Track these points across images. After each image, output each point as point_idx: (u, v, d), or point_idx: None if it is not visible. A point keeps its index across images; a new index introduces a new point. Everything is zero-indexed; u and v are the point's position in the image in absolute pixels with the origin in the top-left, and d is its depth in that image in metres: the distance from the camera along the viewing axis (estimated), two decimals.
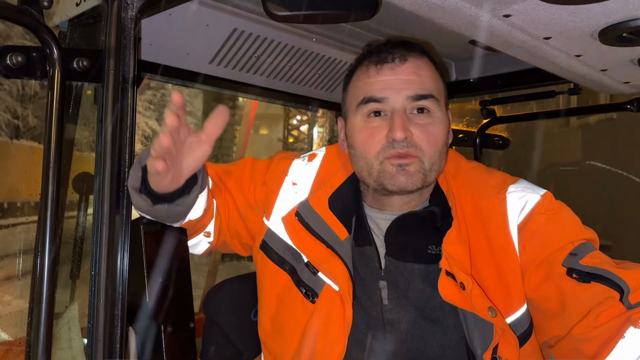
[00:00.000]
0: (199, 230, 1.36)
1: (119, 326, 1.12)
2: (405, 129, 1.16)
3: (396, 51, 1.22)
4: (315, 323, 1.19)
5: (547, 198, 1.19)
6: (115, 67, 1.12)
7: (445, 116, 1.25)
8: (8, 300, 5.63)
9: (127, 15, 1.16)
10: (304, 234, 1.26)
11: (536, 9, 0.93)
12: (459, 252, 1.16)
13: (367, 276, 1.23)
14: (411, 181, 1.18)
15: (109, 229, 1.09)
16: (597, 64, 1.29)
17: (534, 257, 1.13)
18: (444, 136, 1.22)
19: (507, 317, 1.14)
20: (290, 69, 1.90)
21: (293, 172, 1.38)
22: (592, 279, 1.04)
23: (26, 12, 1.00)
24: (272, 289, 1.31)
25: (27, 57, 1.01)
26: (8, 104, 13.97)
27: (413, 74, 1.20)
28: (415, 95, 1.19)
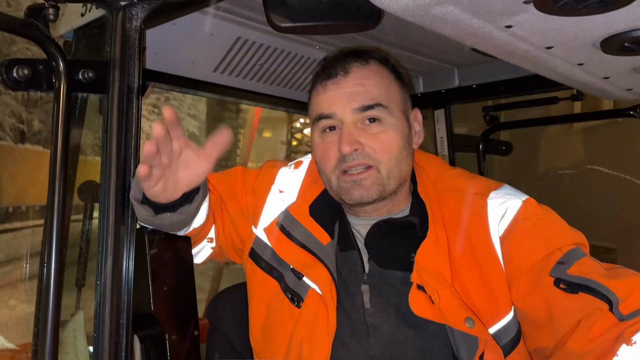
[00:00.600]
0: (203, 237, 1.38)
1: (124, 335, 1.12)
2: (352, 142, 1.17)
3: (339, 64, 1.23)
4: (301, 327, 1.20)
5: (529, 203, 1.17)
6: (120, 77, 1.13)
7: (401, 120, 1.23)
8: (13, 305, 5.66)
9: (131, 26, 1.17)
10: (286, 242, 1.28)
11: (538, 20, 0.94)
12: (436, 263, 1.16)
13: (350, 280, 1.24)
14: (367, 194, 1.20)
15: (114, 238, 1.10)
16: (600, 72, 1.29)
17: (521, 265, 1.11)
18: (399, 141, 1.21)
19: (493, 324, 1.13)
20: (293, 76, 1.91)
21: (280, 180, 1.40)
22: (580, 290, 1.02)
23: (32, 25, 1.01)
24: (261, 297, 1.32)
25: (34, 70, 1.02)
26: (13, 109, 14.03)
27: (358, 85, 1.21)
28: (362, 106, 1.19)
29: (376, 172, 1.19)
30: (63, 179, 1.04)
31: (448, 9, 0.91)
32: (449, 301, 1.11)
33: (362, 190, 1.19)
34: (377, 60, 1.26)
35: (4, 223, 10.51)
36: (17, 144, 14.20)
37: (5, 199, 11.09)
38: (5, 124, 13.96)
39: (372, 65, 1.24)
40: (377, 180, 1.19)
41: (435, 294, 1.10)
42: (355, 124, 1.19)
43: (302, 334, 1.19)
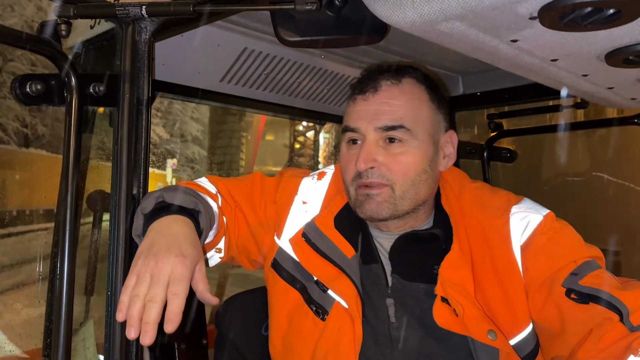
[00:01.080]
0: (211, 248, 1.37)
1: (134, 344, 1.14)
2: (369, 160, 1.19)
3: (371, 81, 1.24)
4: (326, 340, 1.20)
5: (549, 218, 1.19)
6: (130, 90, 1.15)
7: (426, 143, 1.23)
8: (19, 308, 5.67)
9: (141, 39, 1.19)
10: (312, 254, 1.28)
11: (543, 34, 0.95)
12: (459, 276, 1.17)
13: (374, 294, 1.24)
14: (378, 210, 1.21)
15: (124, 249, 1.11)
16: (604, 82, 1.30)
17: (537, 277, 1.14)
18: (418, 165, 1.21)
19: (513, 337, 1.15)
20: (298, 85, 1.92)
21: (303, 190, 1.39)
22: (590, 300, 1.04)
23: (45, 41, 1.03)
24: (283, 307, 1.32)
25: (46, 85, 1.04)
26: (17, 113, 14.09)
27: (384, 104, 1.21)
28: (384, 126, 1.20)
29: (390, 191, 1.20)
30: (75, 191, 1.06)
31: (454, 25, 0.92)
32: (472, 313, 1.13)
33: (373, 205, 1.21)
34: (413, 78, 1.26)
35: (9, 227, 10.55)
36: (21, 147, 14.26)
37: (10, 202, 11.13)
38: (9, 128, 14.02)
39: (405, 85, 1.24)
40: (390, 198, 1.20)
41: (459, 307, 1.12)
42: (377, 141, 1.20)
43: (326, 347, 1.20)
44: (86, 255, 1.71)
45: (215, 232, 1.28)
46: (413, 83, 1.25)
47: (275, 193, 1.40)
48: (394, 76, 1.24)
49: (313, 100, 2.06)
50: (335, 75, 1.96)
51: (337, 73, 1.95)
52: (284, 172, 1.48)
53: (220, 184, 1.39)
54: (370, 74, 1.26)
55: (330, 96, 2.08)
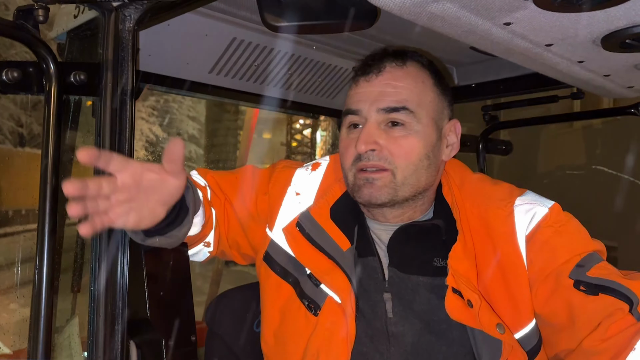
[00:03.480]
0: (199, 241, 1.35)
1: (119, 341, 1.11)
2: (370, 142, 1.15)
3: (375, 62, 1.21)
4: (318, 336, 1.17)
5: (554, 210, 1.16)
6: (113, 79, 1.12)
7: (429, 128, 1.19)
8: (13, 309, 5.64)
9: (124, 27, 1.15)
10: (305, 245, 1.25)
11: (537, 16, 0.92)
12: (465, 268, 1.14)
13: (370, 288, 1.21)
14: (377, 195, 1.17)
15: (108, 243, 1.08)
16: (600, 69, 1.27)
17: (542, 270, 1.11)
18: (420, 150, 1.17)
19: (516, 332, 1.12)
20: (290, 77, 1.89)
21: (296, 181, 1.36)
22: (600, 291, 1.03)
23: (22, 27, 1.00)
24: (275, 302, 1.29)
25: (24, 73, 1.01)
26: (12, 112, 14.03)
27: (388, 86, 1.18)
28: (387, 107, 1.16)
29: (390, 176, 1.16)
30: (55, 182, 1.02)
31: (445, 6, 0.89)
32: (485, 306, 1.10)
33: (372, 189, 1.17)
34: (417, 62, 1.23)
35: (4, 226, 10.50)
36: (16, 147, 14.19)
37: (5, 202, 11.08)
38: (4, 128, 13.96)
39: (409, 67, 1.21)
40: (390, 183, 1.17)
41: (475, 298, 1.09)
42: (379, 124, 1.17)
43: (318, 343, 1.16)
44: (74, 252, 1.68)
45: (203, 220, 1.26)
46: (417, 66, 1.22)
47: (268, 184, 1.37)
48: (398, 58, 1.21)
49: (305, 93, 2.02)
50: (327, 67, 1.92)
51: (330, 65, 1.91)
52: (277, 163, 1.45)
53: (208, 177, 1.36)
54: (375, 56, 1.23)
55: (323, 88, 2.04)
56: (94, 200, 0.86)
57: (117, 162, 0.90)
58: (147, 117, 15.75)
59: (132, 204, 0.94)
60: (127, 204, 0.93)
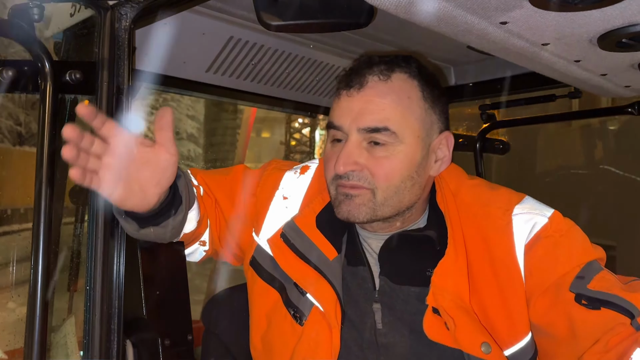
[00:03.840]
0: (195, 240, 1.35)
1: (115, 340, 1.10)
2: (348, 163, 1.11)
3: (357, 75, 1.14)
4: (303, 346, 1.15)
5: (554, 220, 1.12)
6: (109, 78, 1.11)
7: (413, 147, 1.13)
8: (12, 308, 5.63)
9: (120, 26, 1.15)
10: (290, 256, 1.22)
11: (533, 16, 0.92)
12: (453, 282, 1.10)
13: (360, 297, 1.19)
14: (355, 213, 1.13)
15: (104, 242, 1.08)
16: (597, 68, 1.27)
17: (541, 282, 1.08)
18: (403, 171, 1.12)
19: (511, 346, 1.09)
20: (287, 76, 1.89)
21: (284, 185, 1.33)
22: (602, 305, 1.00)
23: (16, 25, 0.99)
24: (262, 307, 1.27)
25: (18, 71, 1.00)
26: (11, 111, 14.00)
27: (369, 103, 1.11)
28: (367, 127, 1.10)
29: (370, 195, 1.12)
30: (50, 182, 1.02)
31: (441, 6, 0.89)
32: (465, 326, 1.06)
33: (350, 207, 1.13)
34: (404, 73, 1.15)
35: (2, 225, 10.48)
36: (15, 146, 14.16)
37: (3, 201, 11.06)
38: (3, 127, 13.93)
39: (394, 81, 1.13)
40: (368, 202, 1.12)
41: (450, 321, 1.05)
42: (360, 143, 1.12)
43: (304, 354, 1.14)
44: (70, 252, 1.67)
45: (198, 217, 1.25)
46: (404, 79, 1.14)
47: (257, 187, 1.35)
48: (382, 71, 1.13)
49: (303, 91, 2.02)
50: (325, 66, 1.92)
51: (327, 64, 1.91)
52: (267, 164, 1.43)
53: (198, 177, 1.35)
54: (358, 66, 1.17)
55: (320, 87, 2.04)
56: (85, 154, 0.90)
57: (111, 127, 0.93)
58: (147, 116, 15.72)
59: (121, 174, 0.95)
60: (117, 172, 0.94)
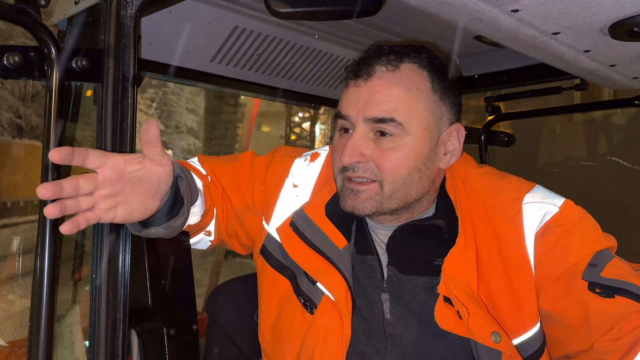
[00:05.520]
0: (200, 230, 1.33)
1: (120, 329, 1.10)
2: (355, 154, 1.09)
3: (365, 65, 1.12)
4: (313, 335, 1.15)
5: (565, 208, 1.10)
6: (114, 66, 1.10)
7: (421, 139, 1.10)
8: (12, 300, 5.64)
9: (126, 14, 1.14)
10: (300, 245, 1.20)
11: (545, 3, 0.91)
12: (463, 271, 1.09)
13: (368, 287, 1.18)
14: (361, 207, 1.12)
15: (109, 231, 1.07)
16: (606, 59, 1.26)
17: (552, 271, 1.07)
18: (410, 163, 1.10)
19: (518, 336, 1.08)
20: (292, 67, 1.88)
21: (294, 172, 1.32)
22: (616, 293, 0.99)
23: (23, 11, 0.98)
24: (272, 296, 1.27)
25: (25, 57, 0.99)
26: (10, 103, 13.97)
27: (376, 93, 1.09)
28: (374, 117, 1.08)
29: (377, 188, 1.11)
30: (57, 170, 1.01)
31: None
32: (477, 315, 1.05)
33: (356, 201, 1.12)
34: (414, 64, 1.12)
35: (2, 218, 10.49)
36: (14, 138, 14.15)
37: (3, 193, 11.06)
38: (2, 119, 13.91)
39: (403, 71, 1.11)
40: (376, 196, 1.11)
41: (463, 310, 1.04)
42: (367, 133, 1.10)
43: (314, 342, 1.14)
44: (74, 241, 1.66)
45: (202, 210, 1.24)
46: (413, 69, 1.12)
47: (265, 174, 1.33)
48: (390, 61, 1.11)
49: (307, 82, 2.01)
50: (330, 57, 1.91)
51: (332, 54, 1.90)
52: (276, 150, 1.41)
53: (205, 165, 1.34)
54: (367, 56, 1.15)
55: (325, 79, 2.03)
56: (74, 199, 0.84)
57: (95, 158, 0.86)
58: (146, 109, 15.71)
59: (118, 198, 0.92)
60: (113, 199, 0.91)
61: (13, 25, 1.02)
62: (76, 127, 1.53)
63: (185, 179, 1.12)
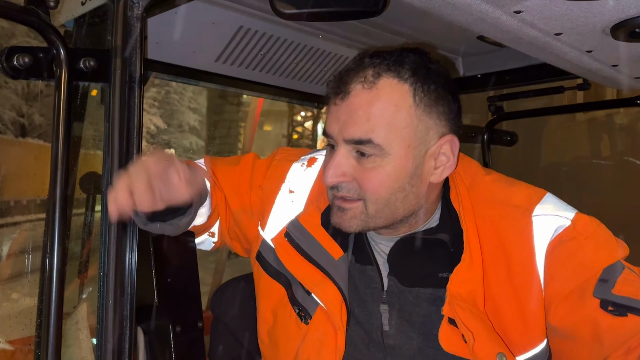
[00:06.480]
0: (204, 231, 1.34)
1: (127, 327, 1.11)
2: (337, 174, 1.06)
3: (342, 83, 1.07)
4: (307, 346, 1.14)
5: (578, 222, 1.06)
6: (121, 66, 1.11)
7: (403, 158, 1.04)
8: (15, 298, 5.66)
9: (133, 14, 1.15)
10: (295, 256, 1.19)
11: (548, 5, 0.92)
12: (468, 290, 1.06)
13: (367, 297, 1.16)
14: (346, 225, 1.10)
15: (117, 230, 1.09)
16: (608, 59, 1.27)
17: (564, 286, 1.03)
18: (391, 184, 1.05)
19: (525, 352, 1.06)
20: (296, 66, 1.89)
21: (291, 177, 1.30)
22: (629, 311, 0.97)
23: (32, 12, 1.00)
24: (268, 302, 1.26)
25: (34, 58, 1.01)
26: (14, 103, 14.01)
27: (353, 113, 1.04)
28: (351, 139, 1.04)
29: (362, 206, 1.08)
30: (65, 168, 1.03)
31: None
32: (482, 338, 1.02)
33: (341, 220, 1.10)
34: (394, 78, 1.04)
35: (5, 217, 10.52)
36: (17, 137, 14.19)
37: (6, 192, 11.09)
38: (5, 118, 13.95)
39: (381, 87, 1.03)
40: (360, 215, 1.08)
41: (469, 334, 1.01)
42: (349, 152, 1.07)
43: (308, 353, 1.13)
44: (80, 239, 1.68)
45: (209, 211, 1.24)
46: (392, 85, 1.04)
47: (264, 178, 1.32)
48: (367, 78, 1.04)
49: (311, 82, 2.02)
50: (333, 57, 1.92)
51: (336, 54, 1.91)
52: (276, 153, 1.39)
53: (210, 167, 1.34)
54: (346, 71, 1.09)
55: (328, 78, 2.04)
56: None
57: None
58: (148, 108, 15.74)
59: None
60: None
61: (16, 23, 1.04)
62: (83, 126, 1.55)
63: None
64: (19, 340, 2.01)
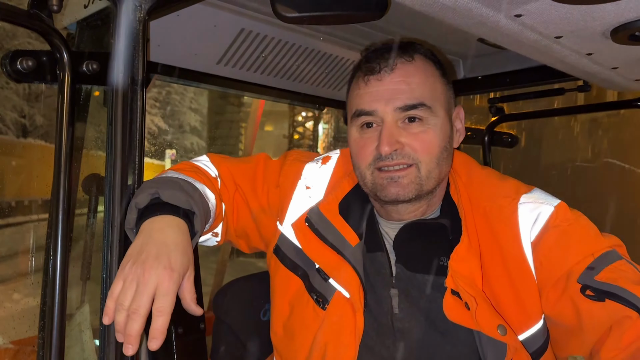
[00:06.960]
0: (207, 232, 1.35)
1: None
2: (393, 142, 1.14)
3: (383, 60, 1.18)
4: (325, 330, 1.18)
5: (560, 209, 1.13)
6: (124, 69, 1.12)
7: (444, 119, 1.19)
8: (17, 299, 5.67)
9: (135, 17, 1.16)
10: (314, 240, 1.24)
11: (548, 9, 0.93)
12: (468, 268, 1.12)
13: (377, 283, 1.21)
14: (404, 192, 1.16)
15: (119, 231, 1.09)
16: (608, 62, 1.28)
17: (552, 274, 1.08)
18: (440, 142, 1.17)
19: (522, 332, 1.11)
20: (297, 68, 1.90)
21: (307, 175, 1.35)
22: (607, 297, 0.99)
23: (36, 16, 1.00)
24: (284, 295, 1.29)
25: (38, 62, 1.02)
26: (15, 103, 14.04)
27: (401, 83, 1.16)
28: (405, 105, 1.14)
29: (416, 171, 1.15)
30: (68, 170, 1.04)
31: None
32: (484, 307, 1.08)
33: (398, 188, 1.15)
34: (423, 55, 1.21)
35: (7, 217, 10.54)
36: (19, 138, 14.22)
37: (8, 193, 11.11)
38: (7, 119, 13.97)
39: (418, 61, 1.19)
40: (416, 179, 1.15)
41: (472, 301, 1.07)
42: (397, 122, 1.15)
43: (326, 337, 1.17)
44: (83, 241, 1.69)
45: (212, 223, 1.26)
46: (424, 59, 1.21)
47: (279, 177, 1.37)
48: (406, 53, 1.19)
49: (312, 84, 2.03)
50: (334, 59, 1.93)
51: (337, 56, 1.92)
52: (287, 154, 1.44)
53: (223, 167, 1.36)
54: (381, 52, 1.20)
55: (329, 80, 2.05)
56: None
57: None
58: (150, 108, 15.75)
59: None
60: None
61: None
62: (85, 127, 1.56)
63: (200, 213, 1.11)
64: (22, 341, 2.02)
